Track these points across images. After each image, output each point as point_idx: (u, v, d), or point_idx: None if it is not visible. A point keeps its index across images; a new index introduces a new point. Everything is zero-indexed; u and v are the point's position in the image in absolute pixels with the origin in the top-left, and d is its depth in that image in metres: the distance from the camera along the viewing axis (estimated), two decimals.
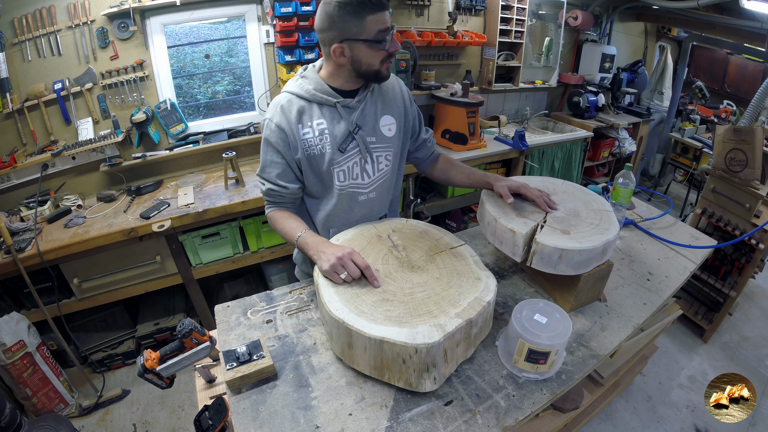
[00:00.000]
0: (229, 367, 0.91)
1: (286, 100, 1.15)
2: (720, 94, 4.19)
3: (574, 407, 1.41)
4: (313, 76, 1.16)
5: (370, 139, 1.21)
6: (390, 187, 1.33)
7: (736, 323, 2.62)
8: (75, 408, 2.03)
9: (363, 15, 1.01)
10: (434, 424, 0.85)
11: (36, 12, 1.87)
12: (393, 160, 1.28)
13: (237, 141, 2.39)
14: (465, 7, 2.85)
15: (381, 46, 1.05)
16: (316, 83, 1.15)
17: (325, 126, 1.15)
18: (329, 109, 1.16)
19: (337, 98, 1.15)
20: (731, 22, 2.93)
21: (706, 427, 1.95)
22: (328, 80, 1.16)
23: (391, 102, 1.25)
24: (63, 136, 2.12)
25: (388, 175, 1.29)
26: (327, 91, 1.14)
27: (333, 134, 1.16)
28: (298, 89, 1.15)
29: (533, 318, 0.97)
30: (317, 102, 1.15)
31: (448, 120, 2.67)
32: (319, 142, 1.15)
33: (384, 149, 1.24)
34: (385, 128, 1.23)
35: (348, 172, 1.21)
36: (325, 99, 1.14)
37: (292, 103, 1.14)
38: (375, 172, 1.25)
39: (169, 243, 2.01)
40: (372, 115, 1.20)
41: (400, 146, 1.29)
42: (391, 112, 1.24)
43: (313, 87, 1.14)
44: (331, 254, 1.01)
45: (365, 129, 1.19)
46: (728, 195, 2.20)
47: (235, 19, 2.36)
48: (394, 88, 1.27)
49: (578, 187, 1.33)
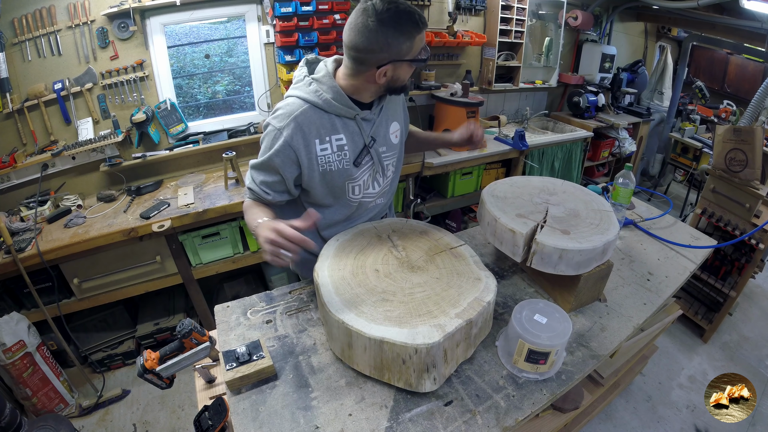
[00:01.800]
0: (228, 368, 0.91)
1: (300, 109, 1.04)
2: (720, 94, 4.19)
3: (574, 407, 1.40)
4: (329, 82, 1.05)
5: (382, 149, 1.18)
6: (393, 190, 1.34)
7: (736, 323, 2.62)
8: (75, 408, 2.03)
9: (413, 35, 0.98)
10: (434, 425, 0.85)
11: (36, 12, 1.87)
12: (396, 165, 1.28)
13: (237, 141, 2.39)
14: (465, 7, 2.85)
15: (423, 64, 1.04)
16: (335, 92, 1.05)
17: (344, 141, 1.09)
18: (346, 122, 1.09)
19: (357, 111, 1.08)
20: (731, 22, 2.93)
21: (706, 427, 1.95)
22: (350, 91, 1.07)
23: (396, 107, 1.24)
24: (63, 136, 2.12)
25: (392, 180, 1.29)
26: (346, 102, 1.06)
27: (353, 149, 1.11)
28: (314, 97, 1.05)
29: (533, 318, 0.97)
30: (335, 113, 1.07)
31: (448, 120, 2.67)
32: (337, 159, 1.09)
33: (392, 156, 1.23)
34: (393, 135, 1.22)
35: (362, 186, 1.19)
36: (345, 111, 1.07)
37: (307, 115, 1.04)
38: (385, 180, 1.25)
39: (169, 243, 2.01)
40: (384, 125, 1.18)
41: (401, 150, 1.29)
42: (397, 117, 1.23)
43: (331, 96, 1.05)
44: (263, 242, 0.90)
45: (379, 140, 1.16)
46: (728, 195, 2.20)
47: (235, 19, 2.36)
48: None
49: (578, 187, 1.33)
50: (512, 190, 1.29)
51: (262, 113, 2.57)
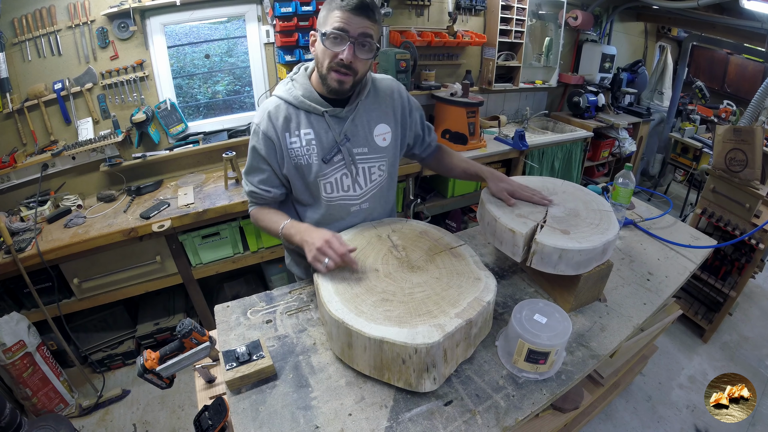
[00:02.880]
0: (228, 368, 0.91)
1: (274, 105, 1.11)
2: (720, 94, 4.19)
3: (574, 407, 1.40)
4: (302, 80, 1.11)
5: (362, 150, 1.16)
6: (385, 195, 1.29)
7: (736, 323, 2.62)
8: (75, 408, 2.03)
9: (332, 7, 0.98)
10: (434, 425, 0.85)
11: (36, 12, 1.87)
12: (387, 170, 1.23)
13: (237, 141, 2.39)
14: (465, 7, 2.85)
15: (328, 43, 0.99)
16: (304, 89, 1.10)
17: (312, 136, 1.11)
18: (317, 118, 1.11)
19: (326, 107, 1.10)
20: (731, 22, 2.93)
21: (706, 427, 1.95)
22: (318, 85, 1.10)
23: (387, 110, 1.19)
24: (63, 136, 2.12)
25: (382, 185, 1.25)
26: (315, 98, 1.09)
27: (321, 145, 1.11)
28: (287, 94, 1.11)
29: (533, 318, 0.97)
30: (305, 109, 1.10)
31: (448, 120, 2.67)
32: (305, 153, 1.11)
33: (377, 159, 1.20)
34: (380, 138, 1.18)
35: (336, 184, 1.17)
36: (312, 107, 1.09)
37: (280, 110, 1.10)
38: (367, 183, 1.21)
39: (169, 243, 2.01)
40: (364, 125, 1.15)
41: (395, 155, 1.25)
42: (386, 120, 1.19)
43: (301, 93, 1.10)
44: (312, 244, 1.01)
45: (356, 140, 1.15)
46: (728, 195, 2.20)
47: (235, 19, 2.36)
48: (392, 94, 1.21)
49: (578, 187, 1.33)
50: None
51: None
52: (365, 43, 1.00)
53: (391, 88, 1.22)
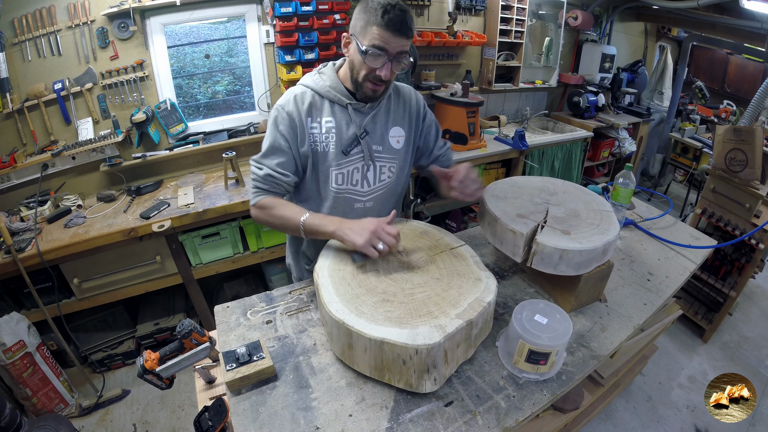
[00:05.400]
0: (228, 368, 0.91)
1: (300, 91, 1.16)
2: (720, 94, 4.19)
3: (574, 407, 1.41)
4: (330, 74, 1.17)
5: (377, 147, 1.20)
6: (390, 198, 1.31)
7: (736, 323, 2.62)
8: (75, 408, 2.03)
9: (371, 21, 1.00)
10: (434, 425, 0.85)
11: (36, 12, 1.86)
12: (396, 173, 1.27)
13: (237, 141, 2.39)
14: (465, 7, 2.85)
15: (367, 59, 1.03)
16: (332, 81, 1.15)
17: (333, 125, 1.15)
18: (340, 109, 1.16)
19: (351, 99, 1.15)
20: (731, 22, 2.93)
21: (706, 427, 1.95)
22: (345, 81, 1.16)
23: (405, 114, 1.25)
24: (63, 136, 2.12)
25: (389, 187, 1.27)
26: (341, 90, 1.15)
27: (339, 135, 1.15)
28: (314, 83, 1.16)
29: (533, 319, 0.97)
30: (330, 99, 1.15)
31: (448, 120, 2.67)
32: (324, 140, 1.15)
33: (389, 160, 1.23)
34: (394, 140, 1.23)
35: (347, 177, 1.20)
36: (337, 98, 1.14)
37: (306, 96, 1.14)
38: (376, 182, 1.24)
39: (169, 243, 2.01)
40: (383, 124, 1.20)
41: (406, 160, 1.28)
42: (402, 124, 1.24)
43: (328, 84, 1.15)
44: (362, 228, 1.01)
45: (373, 136, 1.19)
46: (728, 195, 2.20)
47: (235, 19, 2.36)
48: (411, 100, 1.27)
49: (578, 187, 1.33)
50: (512, 191, 1.29)
51: (262, 113, 2.57)
52: (401, 60, 1.06)
53: (410, 94, 1.28)
